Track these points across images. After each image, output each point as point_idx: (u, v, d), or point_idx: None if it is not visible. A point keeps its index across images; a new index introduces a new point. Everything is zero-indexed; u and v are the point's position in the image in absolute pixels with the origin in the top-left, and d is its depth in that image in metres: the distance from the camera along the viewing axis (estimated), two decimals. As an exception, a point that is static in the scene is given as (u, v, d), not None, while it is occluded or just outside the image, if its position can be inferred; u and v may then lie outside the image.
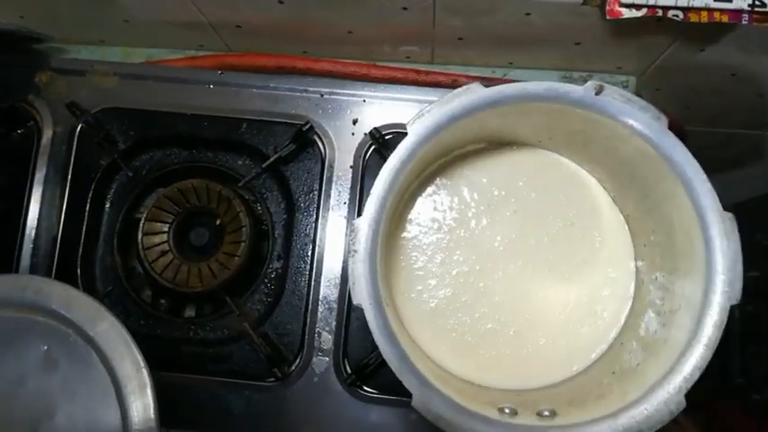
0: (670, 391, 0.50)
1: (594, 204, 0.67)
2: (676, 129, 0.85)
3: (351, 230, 0.55)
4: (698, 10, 0.67)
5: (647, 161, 0.56)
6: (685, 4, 0.67)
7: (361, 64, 0.83)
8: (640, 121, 0.55)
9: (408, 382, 0.52)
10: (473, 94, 0.55)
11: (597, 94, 0.55)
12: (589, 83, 0.55)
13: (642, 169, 0.59)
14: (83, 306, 0.59)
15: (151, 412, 0.57)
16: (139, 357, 0.58)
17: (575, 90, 0.55)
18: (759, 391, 0.82)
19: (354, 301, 0.54)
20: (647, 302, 0.62)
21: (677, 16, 0.68)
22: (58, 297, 0.59)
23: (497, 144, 0.68)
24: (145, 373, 0.57)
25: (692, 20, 0.68)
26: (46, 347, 0.59)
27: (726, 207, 0.54)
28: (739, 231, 0.53)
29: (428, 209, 0.67)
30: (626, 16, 0.69)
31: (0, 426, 0.58)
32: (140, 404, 0.57)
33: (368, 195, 0.56)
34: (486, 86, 0.56)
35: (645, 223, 0.64)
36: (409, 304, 0.65)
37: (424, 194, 0.68)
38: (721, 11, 0.67)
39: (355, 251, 0.54)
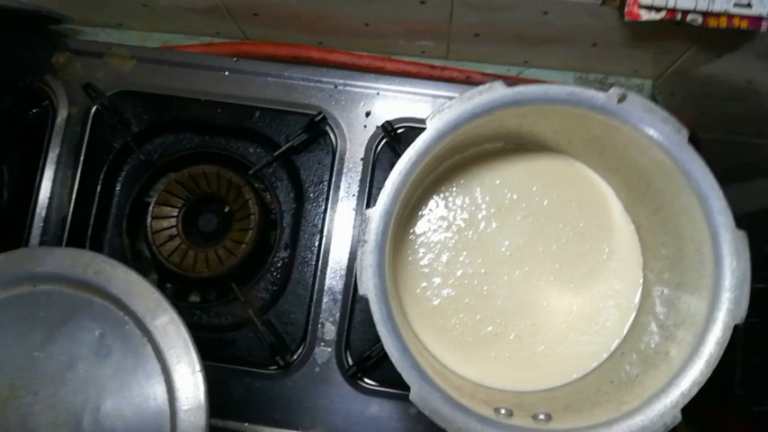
0: (667, 404, 0.50)
1: (607, 214, 0.66)
2: (690, 135, 0.85)
3: (362, 220, 0.54)
4: (717, 15, 0.67)
5: (664, 173, 0.56)
6: (705, 9, 0.66)
7: (376, 57, 0.83)
8: (661, 132, 0.54)
9: (407, 375, 0.52)
10: (494, 92, 0.54)
11: (620, 101, 0.54)
12: (612, 89, 0.54)
13: (658, 181, 0.58)
14: (144, 294, 0.56)
15: (202, 420, 0.54)
16: (196, 359, 0.54)
17: (597, 96, 0.54)
18: (760, 403, 0.82)
19: (360, 291, 0.54)
20: (651, 315, 0.61)
21: (696, 21, 0.67)
22: (120, 281, 0.56)
23: (515, 144, 0.67)
24: (200, 377, 0.54)
25: (710, 25, 0.67)
26: (100, 332, 0.55)
27: (737, 217, 0.53)
28: (750, 242, 0.53)
29: (440, 206, 0.67)
30: (645, 18, 0.68)
31: (46, 410, 0.55)
32: (192, 410, 0.54)
33: (378, 188, 0.56)
34: (509, 86, 0.55)
35: (656, 235, 0.63)
36: (413, 299, 0.65)
37: (437, 191, 0.67)
38: (741, 17, 0.66)
39: (365, 241, 0.54)
